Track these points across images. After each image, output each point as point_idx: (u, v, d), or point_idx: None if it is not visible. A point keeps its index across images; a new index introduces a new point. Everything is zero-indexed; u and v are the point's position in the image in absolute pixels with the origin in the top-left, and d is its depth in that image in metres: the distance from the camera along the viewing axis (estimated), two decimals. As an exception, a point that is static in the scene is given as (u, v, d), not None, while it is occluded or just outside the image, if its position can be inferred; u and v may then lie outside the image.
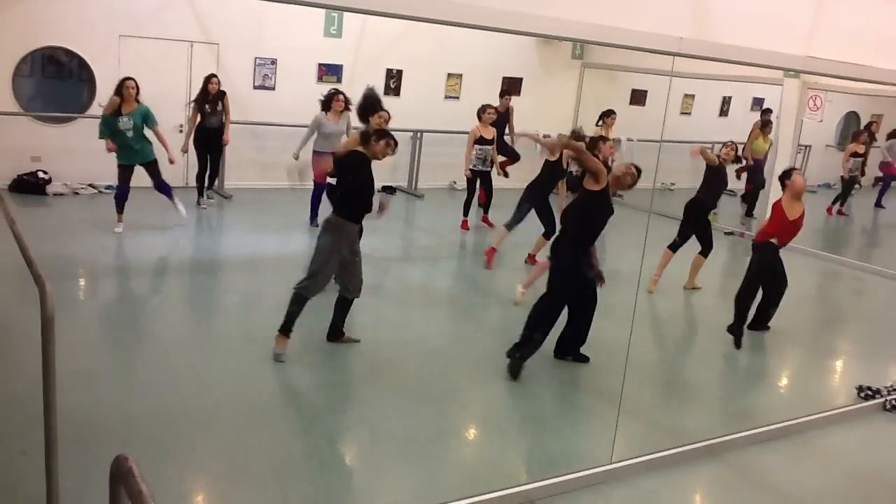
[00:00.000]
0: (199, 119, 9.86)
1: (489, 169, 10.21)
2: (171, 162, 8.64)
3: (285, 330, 5.56)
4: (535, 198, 8.43)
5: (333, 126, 9.13)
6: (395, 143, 5.68)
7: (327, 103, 9.11)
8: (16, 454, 3.96)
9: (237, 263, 8.27)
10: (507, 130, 11.46)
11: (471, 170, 10.06)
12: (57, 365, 2.90)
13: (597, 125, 11.72)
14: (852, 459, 5.18)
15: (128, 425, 4.47)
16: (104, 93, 10.13)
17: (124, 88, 8.25)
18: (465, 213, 10.40)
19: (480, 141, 10.03)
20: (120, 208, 8.42)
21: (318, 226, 9.44)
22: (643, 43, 4.03)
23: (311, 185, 9.52)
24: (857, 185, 14.83)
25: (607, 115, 11.72)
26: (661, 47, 4.04)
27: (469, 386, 5.65)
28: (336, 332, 5.96)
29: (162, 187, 8.69)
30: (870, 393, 6.07)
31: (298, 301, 5.53)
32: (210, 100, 9.76)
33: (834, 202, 14.60)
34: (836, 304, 9.71)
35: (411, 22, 3.70)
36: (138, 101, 8.34)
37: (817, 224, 13.73)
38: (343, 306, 5.92)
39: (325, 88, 11.58)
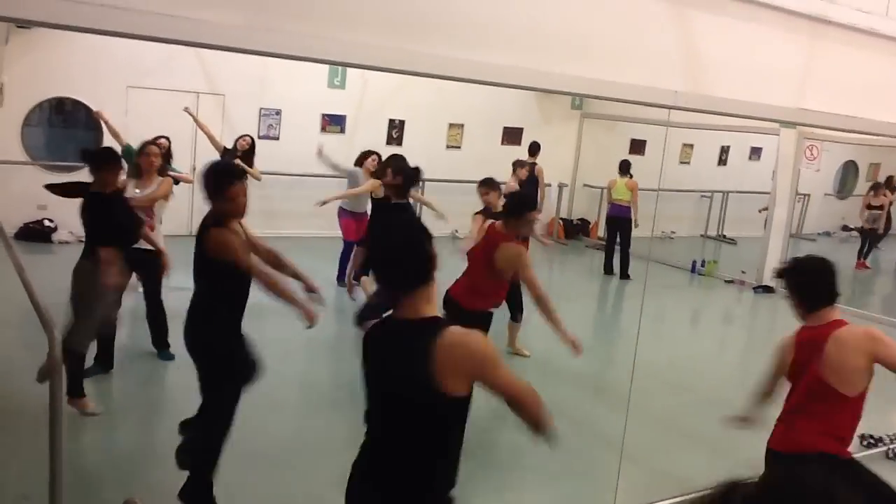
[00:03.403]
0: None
1: None
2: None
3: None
4: None
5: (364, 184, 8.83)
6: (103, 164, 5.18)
7: (361, 160, 9.04)
8: (19, 498, 3.97)
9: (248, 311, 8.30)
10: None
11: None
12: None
13: (621, 176, 11.47)
14: (855, 508, 5.15)
15: (132, 469, 4.48)
16: (111, 142, 10.29)
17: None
18: None
19: None
20: None
21: (344, 285, 9.20)
22: (640, 96, 4.14)
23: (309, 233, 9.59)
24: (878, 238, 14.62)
25: (629, 167, 11.47)
26: (656, 100, 4.15)
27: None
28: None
29: None
30: (872, 441, 6.06)
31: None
32: (237, 157, 9.71)
33: (859, 256, 14.45)
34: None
35: (414, 75, 3.82)
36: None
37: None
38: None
39: (329, 138, 11.81)
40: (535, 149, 11.65)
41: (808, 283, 3.59)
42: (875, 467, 5.74)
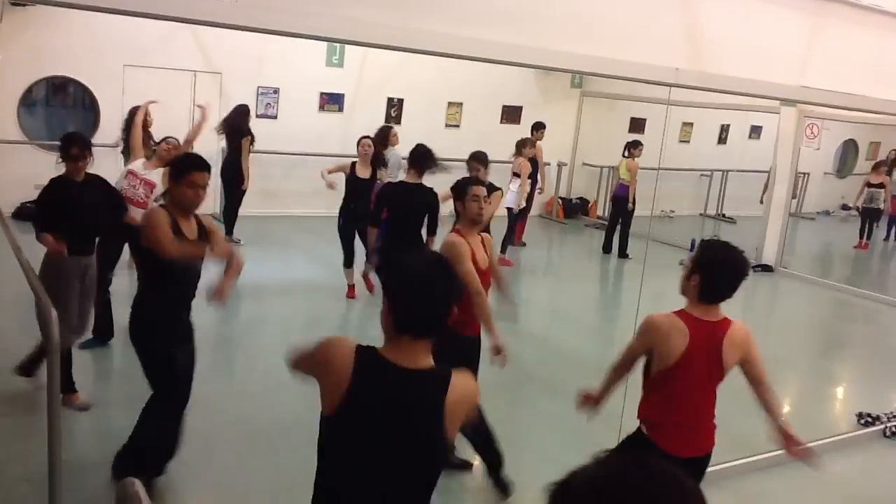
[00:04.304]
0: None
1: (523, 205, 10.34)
2: None
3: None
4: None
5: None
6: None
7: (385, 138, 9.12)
8: (19, 480, 3.97)
9: (238, 292, 8.32)
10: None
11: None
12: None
13: (623, 156, 11.41)
14: (852, 486, 5.18)
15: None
16: (108, 121, 10.26)
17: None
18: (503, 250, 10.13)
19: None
20: None
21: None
22: (640, 74, 4.11)
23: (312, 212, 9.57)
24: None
25: (633, 147, 11.35)
26: (657, 78, 4.12)
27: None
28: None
29: None
30: (870, 420, 6.08)
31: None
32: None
33: (860, 235, 14.25)
34: (836, 332, 9.73)
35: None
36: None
37: (820, 252, 13.78)
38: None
39: (327, 117, 11.75)
40: (538, 127, 11.60)
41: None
42: (873, 445, 5.79)
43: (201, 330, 6.83)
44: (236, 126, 9.64)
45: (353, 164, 7.97)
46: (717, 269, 3.24)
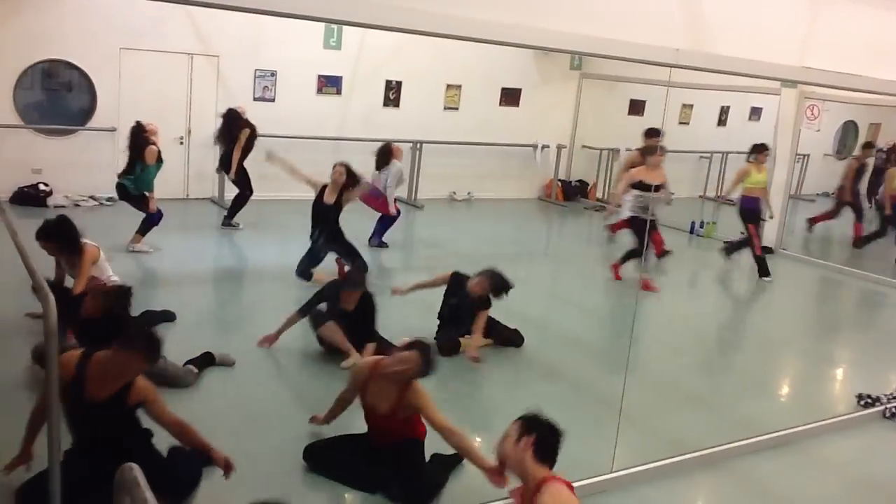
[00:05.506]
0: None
1: (648, 217, 8.49)
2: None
3: None
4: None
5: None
6: None
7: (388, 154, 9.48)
8: (18, 470, 3.96)
9: (237, 276, 8.32)
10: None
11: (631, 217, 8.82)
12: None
13: (748, 160, 9.69)
14: (852, 467, 5.20)
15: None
16: (104, 105, 10.21)
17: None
18: (623, 261, 9.10)
19: (639, 186, 8.54)
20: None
21: (376, 245, 9.47)
22: (640, 54, 4.08)
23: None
24: None
25: (760, 151, 9.62)
26: (657, 59, 4.08)
27: (471, 393, 5.67)
28: None
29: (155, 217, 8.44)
30: (869, 401, 6.08)
31: None
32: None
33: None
34: (836, 313, 9.73)
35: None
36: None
37: (821, 233, 13.74)
38: None
39: (325, 100, 11.72)
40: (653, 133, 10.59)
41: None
42: (872, 427, 5.80)
43: (200, 314, 6.86)
44: (228, 132, 9.63)
45: (324, 186, 7.97)
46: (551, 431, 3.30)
